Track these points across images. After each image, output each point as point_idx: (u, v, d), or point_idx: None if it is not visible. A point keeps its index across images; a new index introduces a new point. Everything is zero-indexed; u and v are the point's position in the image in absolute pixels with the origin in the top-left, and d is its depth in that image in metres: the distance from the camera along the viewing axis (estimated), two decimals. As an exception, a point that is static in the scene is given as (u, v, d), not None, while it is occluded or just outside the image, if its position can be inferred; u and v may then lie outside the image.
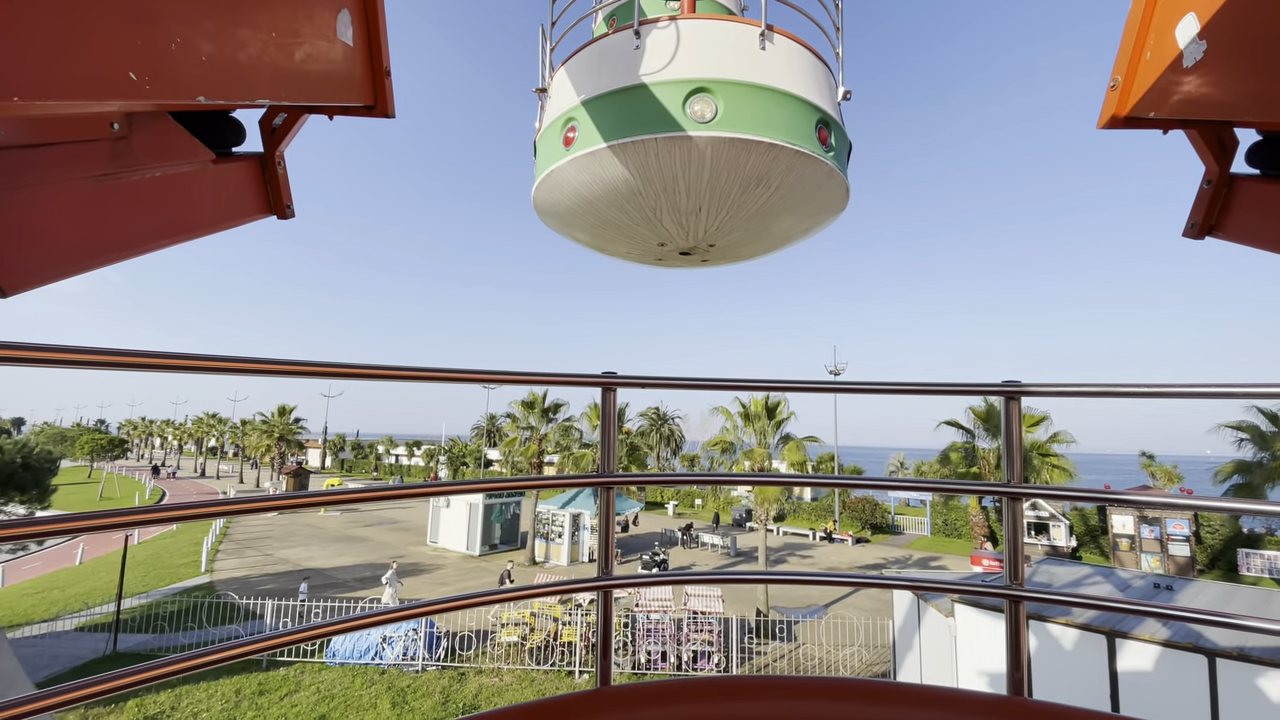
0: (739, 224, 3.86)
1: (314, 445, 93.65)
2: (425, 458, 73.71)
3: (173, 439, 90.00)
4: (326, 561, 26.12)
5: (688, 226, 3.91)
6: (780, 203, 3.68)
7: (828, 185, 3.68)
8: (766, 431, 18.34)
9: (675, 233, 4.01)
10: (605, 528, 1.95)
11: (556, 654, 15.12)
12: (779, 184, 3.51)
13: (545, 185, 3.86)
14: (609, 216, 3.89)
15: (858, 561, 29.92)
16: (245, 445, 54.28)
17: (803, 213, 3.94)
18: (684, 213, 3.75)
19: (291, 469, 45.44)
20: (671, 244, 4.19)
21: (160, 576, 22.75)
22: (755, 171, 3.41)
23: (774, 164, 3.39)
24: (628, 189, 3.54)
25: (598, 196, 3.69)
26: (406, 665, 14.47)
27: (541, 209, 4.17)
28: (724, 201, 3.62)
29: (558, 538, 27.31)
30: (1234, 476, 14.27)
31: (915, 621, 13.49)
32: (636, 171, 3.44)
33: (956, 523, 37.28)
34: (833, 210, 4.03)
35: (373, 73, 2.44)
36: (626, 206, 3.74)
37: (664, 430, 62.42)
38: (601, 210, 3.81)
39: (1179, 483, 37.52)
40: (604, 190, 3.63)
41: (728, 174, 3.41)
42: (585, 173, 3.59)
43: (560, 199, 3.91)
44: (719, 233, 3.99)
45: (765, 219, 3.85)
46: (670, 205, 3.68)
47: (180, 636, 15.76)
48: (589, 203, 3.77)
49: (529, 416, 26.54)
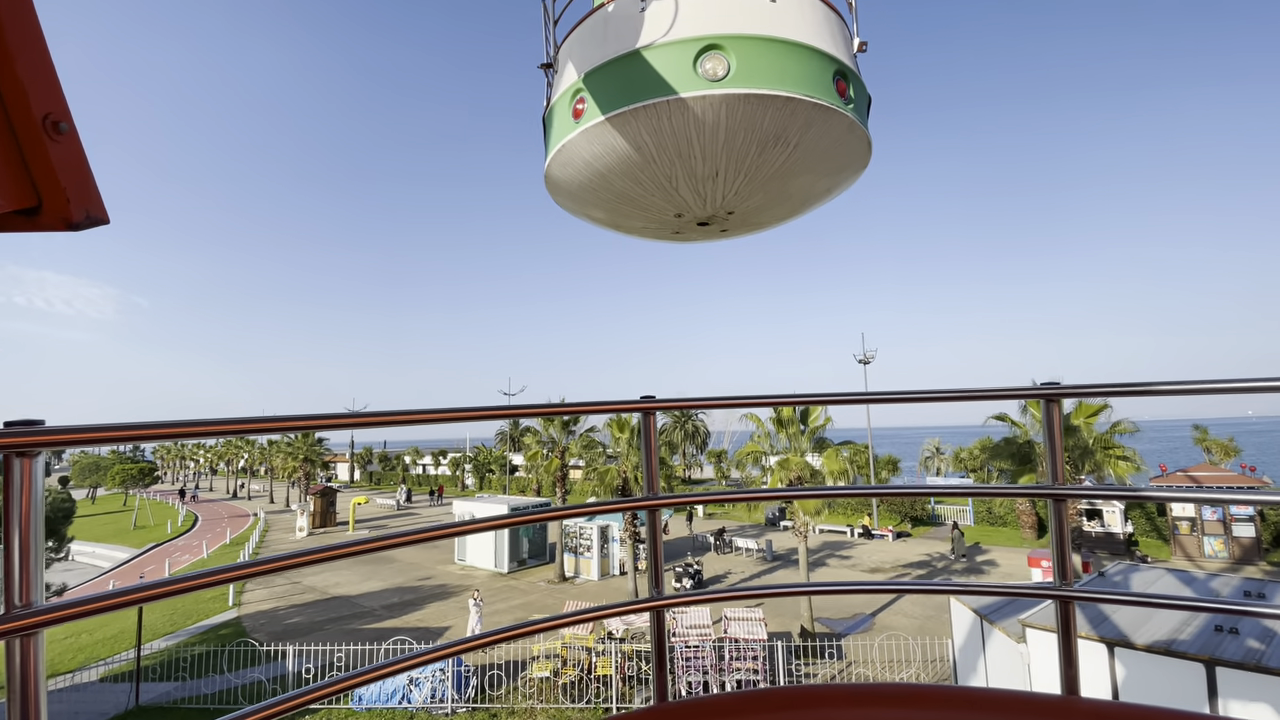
0: (758, 187, 3.76)
1: (342, 459, 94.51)
2: (451, 466, 73.77)
3: (204, 461, 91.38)
4: (353, 587, 25.68)
5: (705, 193, 3.80)
6: (800, 161, 3.56)
7: (849, 139, 3.54)
8: (801, 437, 17.26)
9: (692, 201, 3.89)
10: (653, 548, 1.90)
11: (591, 689, 14.31)
12: (798, 140, 3.37)
13: (557, 161, 3.75)
14: (624, 189, 3.81)
15: (901, 559, 28.68)
16: (273, 466, 54.55)
17: (824, 170, 3.80)
18: (700, 179, 3.64)
19: (319, 488, 45.35)
20: (689, 214, 4.07)
21: (187, 613, 22.44)
22: (773, 129, 3.28)
23: (792, 119, 3.25)
24: (641, 157, 3.46)
25: (611, 168, 3.61)
26: (435, 708, 13.77)
27: (554, 187, 4.04)
28: (741, 164, 3.50)
29: (586, 551, 26.53)
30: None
31: (979, 643, 12.37)
32: (649, 138, 3.33)
33: (1001, 511, 35.77)
34: (855, 167, 3.88)
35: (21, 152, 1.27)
36: (641, 177, 3.65)
37: (688, 427, 61.46)
38: (616, 183, 3.74)
39: (1236, 456, 35.57)
40: (617, 161, 3.53)
41: (744, 133, 3.28)
42: (597, 144, 3.48)
43: (573, 174, 3.80)
44: (737, 198, 3.88)
45: (785, 180, 3.74)
46: (686, 171, 3.56)
47: (203, 685, 15.25)
48: (602, 176, 3.70)
49: (549, 429, 25.75)
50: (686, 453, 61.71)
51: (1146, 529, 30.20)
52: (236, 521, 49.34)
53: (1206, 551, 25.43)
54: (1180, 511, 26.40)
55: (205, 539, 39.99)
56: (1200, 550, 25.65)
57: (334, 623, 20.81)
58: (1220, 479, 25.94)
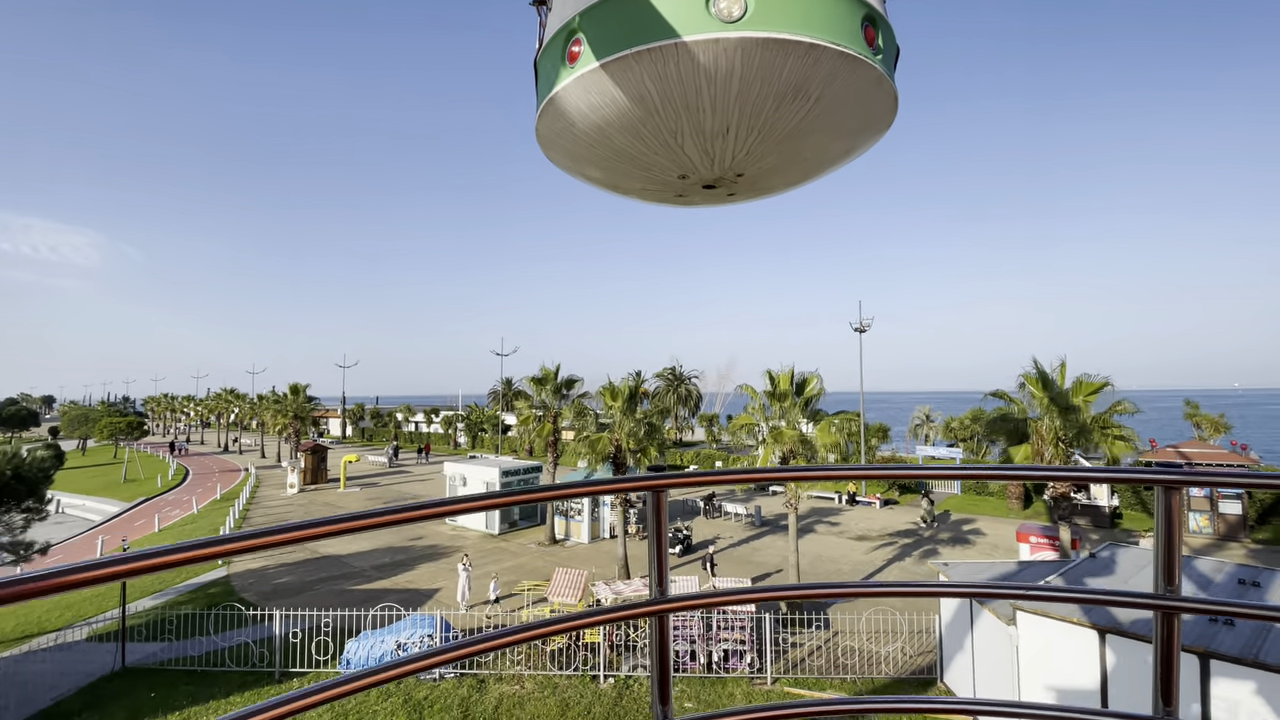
0: (772, 147, 3.39)
1: (334, 415, 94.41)
2: (444, 425, 73.80)
3: (194, 414, 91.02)
4: (344, 546, 25.71)
5: (713, 152, 3.42)
6: (820, 118, 3.19)
7: (875, 95, 3.17)
8: (795, 409, 17.00)
9: (699, 161, 3.51)
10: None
11: (580, 656, 14.37)
12: (819, 94, 3.02)
13: (549, 112, 3.34)
14: (623, 145, 3.41)
15: (889, 527, 28.99)
16: (264, 421, 54.30)
17: (845, 130, 3.46)
18: (709, 135, 3.26)
19: (310, 445, 45.21)
20: (694, 175, 3.69)
21: (176, 571, 22.34)
22: (792, 80, 2.93)
23: (814, 69, 2.90)
24: (644, 109, 3.09)
25: (609, 121, 3.21)
26: (424, 674, 13.79)
27: (546, 141, 3.62)
28: (755, 120, 3.12)
29: (577, 515, 26.63)
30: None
31: (966, 622, 12.39)
32: (653, 87, 2.97)
33: (994, 486, 36.09)
34: (879, 126, 3.52)
35: None
36: (643, 131, 3.26)
37: (681, 391, 61.44)
38: (614, 138, 3.35)
39: (1227, 432, 35.84)
40: (616, 113, 3.15)
41: (760, 84, 2.93)
42: (594, 93, 3.10)
43: (567, 127, 3.40)
44: (749, 159, 3.49)
45: (802, 139, 3.38)
46: (693, 127, 3.19)
47: (190, 646, 15.22)
48: (599, 130, 3.30)
49: (541, 394, 25.44)
50: (679, 416, 61.86)
51: (1131, 501, 30.57)
52: (227, 476, 49.33)
53: (1191, 527, 25.77)
54: (1167, 486, 26.62)
55: (195, 494, 39.97)
56: (1185, 526, 25.97)
57: (324, 583, 20.86)
58: (1210, 456, 26.11)
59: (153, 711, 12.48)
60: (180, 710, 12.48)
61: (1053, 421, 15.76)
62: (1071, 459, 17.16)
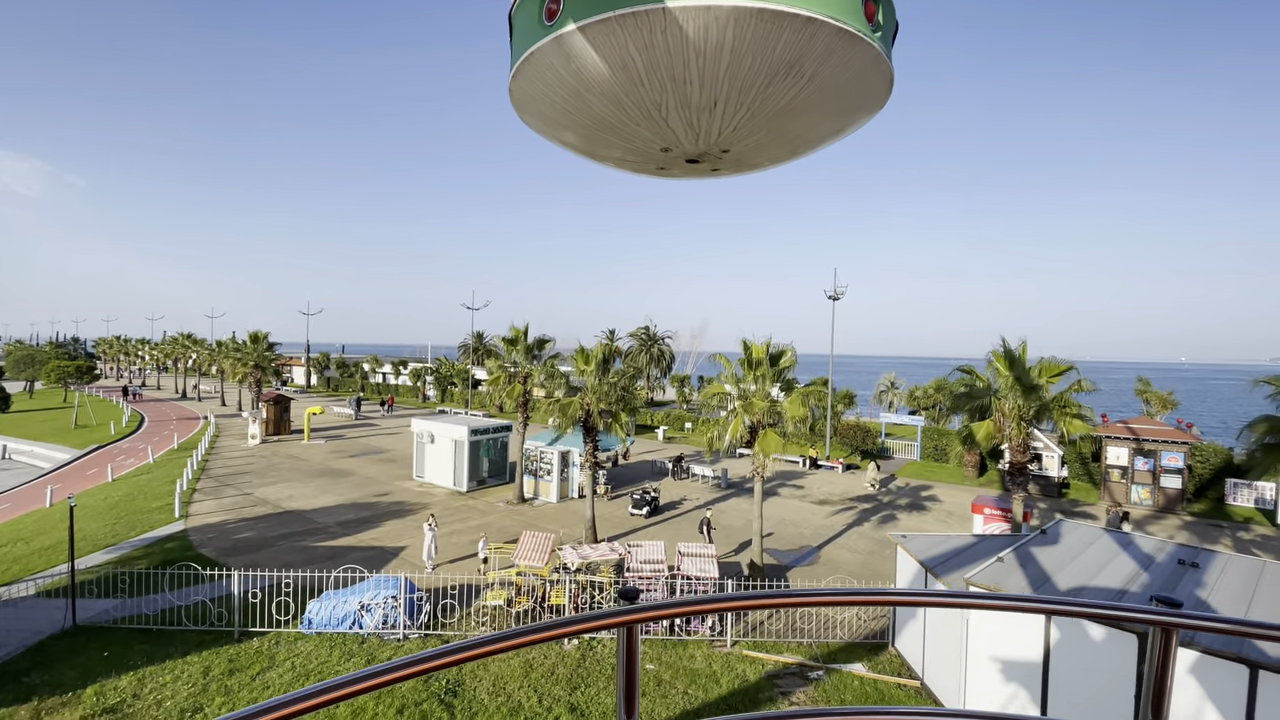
0: (761, 124, 3.22)
1: (298, 363, 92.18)
2: (412, 377, 72.78)
3: (149, 358, 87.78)
4: (308, 501, 25.38)
5: (699, 127, 3.23)
6: (813, 97, 3.04)
7: (871, 75, 3.01)
8: (768, 379, 17.02)
9: (683, 135, 3.32)
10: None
11: (544, 619, 14.53)
12: (814, 72, 2.86)
13: (524, 73, 3.09)
14: (603, 114, 3.19)
15: (850, 491, 29.80)
16: (224, 368, 52.67)
17: (837, 109, 3.29)
18: (695, 109, 3.07)
19: (272, 395, 44.12)
20: (678, 149, 3.51)
21: (131, 524, 21.88)
22: (787, 55, 2.76)
23: (810, 45, 2.73)
24: (627, 78, 2.88)
25: (589, 86, 3.00)
26: (387, 634, 13.81)
27: (520, 103, 3.38)
28: (745, 96, 2.96)
29: (546, 475, 26.67)
30: (1266, 436, 13.32)
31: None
32: (638, 54, 2.76)
33: (946, 447, 37.25)
34: (871, 107, 3.36)
35: None
36: (625, 101, 3.05)
37: (654, 350, 61.43)
38: (594, 105, 3.13)
39: (1174, 409, 37.42)
40: (597, 79, 2.93)
41: (752, 58, 2.75)
42: (573, 55, 2.86)
43: (543, 90, 3.18)
44: (735, 136, 3.33)
45: (792, 117, 3.22)
46: (679, 99, 3.00)
47: (144, 603, 14.94)
48: (578, 95, 3.08)
49: (512, 354, 25.04)
50: (651, 376, 62.02)
51: (1079, 472, 31.94)
52: (185, 425, 48.04)
53: (1133, 499, 27.07)
54: (1114, 460, 27.85)
55: (151, 442, 38.87)
56: (1127, 498, 27.28)
57: (286, 539, 20.59)
58: (1156, 432, 27.22)
59: (106, 671, 12.26)
60: (135, 670, 12.28)
61: (1016, 400, 16.14)
62: (1030, 435, 17.65)
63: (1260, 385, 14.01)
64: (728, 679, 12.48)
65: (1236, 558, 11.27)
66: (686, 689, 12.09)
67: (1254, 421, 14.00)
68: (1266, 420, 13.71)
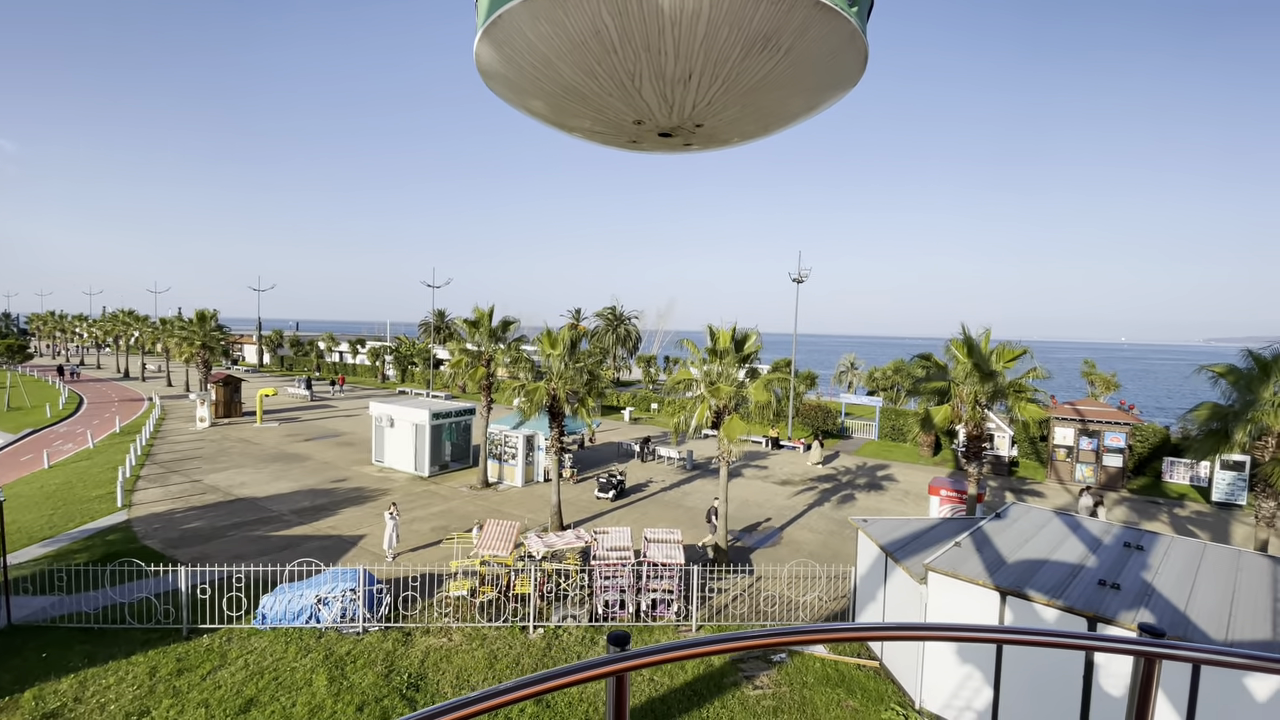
0: (735, 98, 3.21)
1: (249, 341, 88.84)
2: (371, 356, 70.92)
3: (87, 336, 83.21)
4: (260, 488, 24.53)
5: (672, 100, 3.20)
6: (788, 72, 3.04)
7: (846, 51, 3.00)
8: (733, 365, 17.01)
9: (656, 108, 3.28)
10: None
11: (509, 608, 14.40)
12: (790, 45, 2.85)
13: (491, 37, 2.99)
14: (574, 82, 3.14)
15: (811, 472, 30.36)
16: (168, 347, 50.24)
17: (810, 85, 3.30)
18: (669, 81, 3.04)
19: (221, 375, 42.35)
20: (651, 123, 3.47)
21: (70, 514, 20.77)
22: (764, 27, 2.73)
23: (788, 18, 2.72)
24: (599, 45, 2.82)
25: (560, 54, 2.93)
26: (346, 627, 13.47)
27: (487, 70, 3.29)
28: (720, 68, 2.94)
29: (511, 459, 26.36)
30: (1210, 422, 13.96)
31: (881, 576, 13.12)
32: (611, 21, 2.71)
33: (903, 428, 38.26)
34: (845, 84, 3.38)
35: None
36: (597, 70, 3.00)
37: (620, 331, 61.13)
38: (564, 73, 3.08)
39: (1116, 390, 39.17)
40: (568, 46, 2.86)
41: (728, 30, 2.73)
42: (543, 20, 2.79)
43: (511, 55, 3.09)
44: (710, 110, 3.30)
45: (767, 92, 3.22)
46: (653, 70, 2.96)
47: (84, 600, 14.21)
48: (548, 62, 3.02)
49: (475, 335, 24.46)
50: (617, 356, 61.81)
51: (1028, 451, 33.27)
52: (128, 407, 45.81)
53: (1077, 477, 28.33)
54: (1061, 440, 29.06)
55: (91, 426, 36.97)
56: (1072, 475, 28.54)
57: (237, 529, 19.87)
58: (1101, 413, 28.44)
59: (44, 674, 11.64)
60: (75, 672, 11.69)
61: (974, 385, 16.54)
62: (985, 420, 18.15)
63: (1201, 371, 14.63)
64: (693, 663, 12.59)
65: (1179, 540, 11.83)
66: (652, 675, 12.15)
67: (1197, 407, 14.65)
68: (1210, 406, 14.35)
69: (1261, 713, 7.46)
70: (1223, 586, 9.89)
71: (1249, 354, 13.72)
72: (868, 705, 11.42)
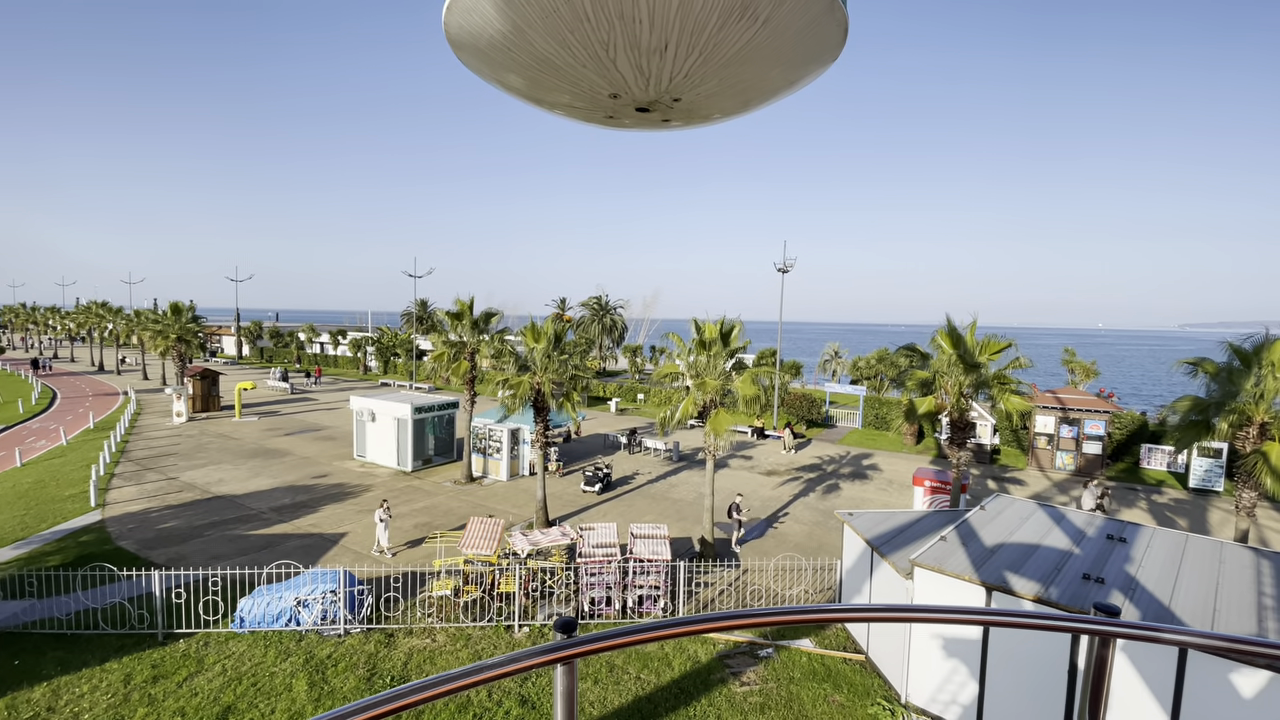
0: (713, 71, 3.17)
1: (227, 332, 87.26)
2: (352, 348, 69.98)
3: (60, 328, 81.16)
4: (239, 485, 24.09)
5: (648, 72, 3.17)
6: (766, 41, 2.99)
7: (825, 21, 2.95)
8: (720, 357, 16.89)
9: (632, 80, 3.25)
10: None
11: (494, 608, 14.25)
12: (768, 15, 2.80)
13: (459, 4, 2.91)
14: (547, 53, 3.07)
15: (796, 461, 30.48)
16: (142, 340, 49.11)
17: (788, 58, 3.24)
18: (645, 52, 3.00)
19: (198, 369, 41.48)
20: (626, 95, 3.43)
21: (41, 515, 20.22)
22: None
23: None
24: (572, 12, 2.75)
25: (531, 22, 2.85)
26: (327, 629, 13.24)
27: (456, 39, 3.17)
28: (697, 38, 2.89)
29: (496, 453, 26.11)
30: (1190, 414, 14.11)
31: (866, 570, 13.13)
32: None
33: (887, 416, 38.54)
34: (825, 57, 3.31)
35: None
36: (570, 39, 2.93)
37: (606, 321, 60.80)
38: (537, 43, 3.00)
39: (1095, 378, 39.71)
40: (540, 14, 2.78)
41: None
42: None
43: (482, 25, 3.01)
44: (687, 83, 3.27)
45: (744, 64, 3.16)
46: (628, 40, 2.91)
47: (57, 605, 13.83)
48: (520, 31, 2.93)
49: (458, 328, 24.09)
50: (603, 346, 61.52)
51: (1009, 439, 33.66)
52: (102, 401, 44.80)
53: (1057, 464, 28.71)
54: (1042, 428, 29.40)
55: (64, 421, 36.08)
56: (1052, 463, 28.92)
57: (215, 528, 19.48)
58: (1080, 401, 28.78)
59: (16, 682, 11.31)
60: (48, 680, 11.38)
61: (958, 376, 16.59)
62: (968, 408, 18.23)
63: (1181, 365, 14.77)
64: (680, 661, 12.56)
65: (1160, 531, 11.95)
66: (639, 674, 12.09)
67: (1178, 400, 14.79)
68: (1191, 399, 14.49)
69: (1248, 708, 7.52)
70: (1206, 579, 9.98)
71: (1230, 346, 13.86)
72: (854, 700, 11.46)
